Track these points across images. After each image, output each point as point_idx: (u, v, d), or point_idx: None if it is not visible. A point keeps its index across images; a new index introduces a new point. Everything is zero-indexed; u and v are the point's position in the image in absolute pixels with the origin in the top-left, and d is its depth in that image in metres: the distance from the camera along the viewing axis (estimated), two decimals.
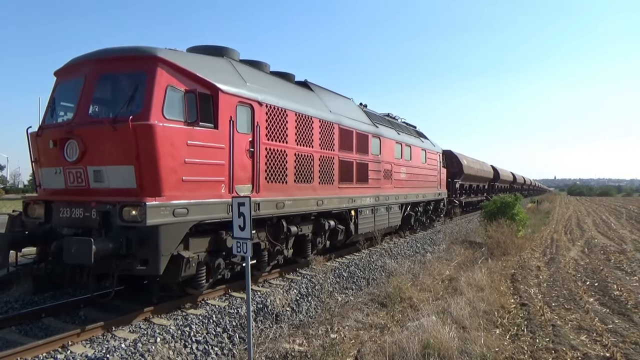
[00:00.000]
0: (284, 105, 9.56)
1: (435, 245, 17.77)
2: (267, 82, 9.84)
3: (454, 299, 8.88)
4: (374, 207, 14.17)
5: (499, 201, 21.20)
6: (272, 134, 9.10)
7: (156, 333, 6.52)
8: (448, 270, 12.82)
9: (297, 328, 7.79)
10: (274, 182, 9.11)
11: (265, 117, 8.88)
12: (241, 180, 8.21)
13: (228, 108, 7.92)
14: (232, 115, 7.96)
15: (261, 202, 8.62)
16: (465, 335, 6.97)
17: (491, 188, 42.35)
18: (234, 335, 7.08)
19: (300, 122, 10.11)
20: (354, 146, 12.85)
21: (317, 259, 10.20)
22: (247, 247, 5.86)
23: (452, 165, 28.30)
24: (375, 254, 13.79)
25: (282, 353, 6.43)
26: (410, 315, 8.24)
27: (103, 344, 6.10)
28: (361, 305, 9.18)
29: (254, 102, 8.60)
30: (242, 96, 8.30)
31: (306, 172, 10.33)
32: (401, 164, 16.73)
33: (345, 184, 12.23)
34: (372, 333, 7.50)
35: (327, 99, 12.53)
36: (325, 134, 11.27)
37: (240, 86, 8.41)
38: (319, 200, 10.76)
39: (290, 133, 9.71)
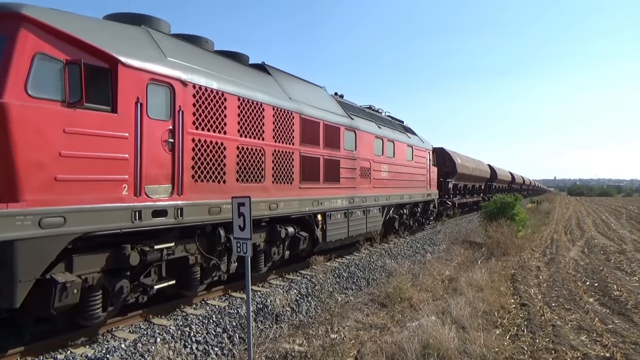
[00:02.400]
0: (221, 87, 7.96)
1: (435, 246, 17.76)
2: (201, 60, 8.11)
3: (454, 299, 8.88)
4: (348, 211, 12.62)
5: (499, 201, 21.18)
6: (204, 121, 7.53)
7: (156, 333, 6.53)
8: (448, 270, 12.82)
9: (297, 328, 7.79)
10: (205, 182, 7.56)
11: (193, 101, 7.33)
12: (155, 179, 6.65)
13: (134, 87, 6.35)
14: (139, 97, 6.40)
15: (186, 207, 7.11)
16: (465, 335, 6.97)
17: (488, 188, 41.37)
18: (234, 335, 7.07)
19: (245, 108, 8.49)
20: (320, 140, 11.23)
21: (317, 259, 9.92)
22: (247, 247, 5.85)
23: (445, 164, 26.98)
24: (375, 254, 13.79)
25: (282, 353, 6.43)
26: (410, 316, 8.25)
27: (103, 344, 6.11)
28: (361, 306, 9.18)
29: (175, 82, 7.03)
30: (157, 73, 6.72)
31: (254, 169, 8.71)
32: (382, 161, 15.16)
33: (309, 184, 10.64)
34: (372, 333, 7.50)
35: (288, 85, 10.87)
36: (282, 124, 9.64)
37: (154, 60, 6.83)
38: (272, 203, 9.22)
39: (230, 121, 8.11)
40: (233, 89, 8.27)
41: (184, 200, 7.12)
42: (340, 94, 14.55)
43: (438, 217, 24.45)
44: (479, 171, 35.54)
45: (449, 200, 26.98)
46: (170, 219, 6.84)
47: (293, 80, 11.54)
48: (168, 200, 6.82)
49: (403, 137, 17.77)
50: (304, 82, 12.30)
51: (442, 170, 25.68)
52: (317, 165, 11.01)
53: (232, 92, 8.19)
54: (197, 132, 7.41)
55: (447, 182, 26.78)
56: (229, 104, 8.09)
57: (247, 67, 9.91)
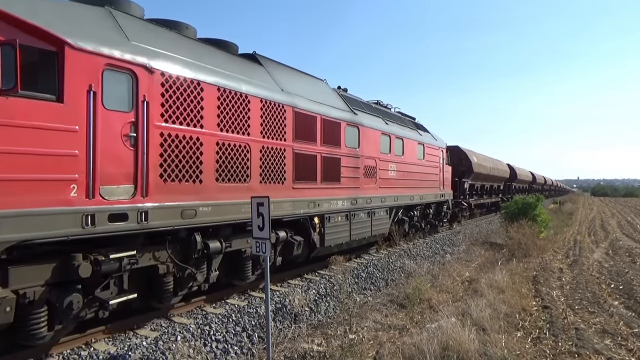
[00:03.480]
0: (198, 76, 7.19)
1: (455, 246, 17.60)
2: (176, 46, 7.32)
3: (474, 301, 8.78)
4: (350, 213, 11.74)
5: (520, 202, 20.90)
6: (175, 114, 6.76)
7: (177, 331, 6.63)
8: (468, 271, 12.69)
9: (315, 328, 7.80)
10: (177, 181, 6.78)
11: (161, 91, 6.57)
12: (112, 178, 5.89)
13: (85, 73, 5.61)
14: (92, 84, 5.63)
15: (152, 210, 6.31)
16: (486, 337, 6.89)
17: (507, 189, 40.08)
18: (253, 334, 7.12)
19: (226, 100, 7.71)
20: (318, 136, 10.39)
21: (337, 259, 9.81)
22: (266, 247, 5.89)
23: (460, 163, 25.88)
24: (394, 255, 13.74)
25: (300, 353, 6.45)
26: (430, 317, 8.19)
27: (125, 342, 6.24)
28: (380, 306, 9.15)
29: (139, 68, 6.26)
30: (115, 58, 5.96)
31: (237, 167, 7.90)
32: (389, 159, 14.20)
33: (304, 184, 9.80)
34: (391, 334, 7.47)
35: (282, 76, 10.08)
36: (272, 118, 8.82)
37: (113, 44, 6.01)
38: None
39: (208, 114, 7.33)
40: (212, 78, 7.48)
41: (149, 203, 6.33)
42: (343, 88, 13.83)
43: (453, 219, 23.52)
44: (498, 171, 34.26)
45: (465, 201, 25.76)
46: (131, 223, 6.07)
47: (288, 71, 10.70)
48: (129, 202, 6.07)
49: (413, 134, 16.88)
50: (301, 74, 11.49)
51: (458, 170, 24.66)
52: (313, 164, 10.20)
53: (210, 82, 7.41)
54: (167, 126, 6.64)
55: (463, 182, 25.60)
56: (206, 94, 7.31)
57: (233, 56, 9.06)
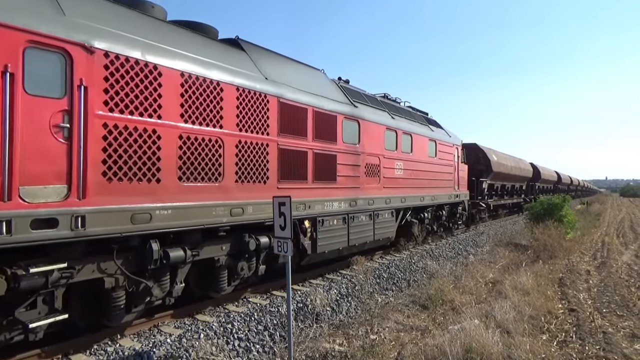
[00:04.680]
0: (153, 59, 6.22)
1: (478, 247, 17.38)
2: (130, 25, 6.35)
3: (498, 303, 8.66)
4: (348, 215, 10.66)
5: (546, 202, 20.53)
6: (124, 102, 5.82)
7: (200, 329, 6.71)
8: (492, 272, 12.52)
9: (337, 328, 7.81)
10: (126, 181, 5.83)
11: (105, 74, 5.62)
12: (37, 177, 5.03)
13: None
14: (9, 64, 4.84)
15: (90, 214, 5.38)
16: (510, 340, 6.79)
17: (530, 189, 38.53)
18: (274, 333, 7.17)
19: (192, 88, 6.79)
20: (309, 130, 9.37)
21: (359, 259, 9.68)
22: (288, 246, 5.92)
23: (478, 161, 24.53)
24: (416, 255, 13.65)
25: (322, 352, 6.47)
26: (452, 318, 8.12)
27: (150, 338, 6.35)
28: (402, 307, 9.10)
29: (74, 47, 5.32)
30: (42, 34, 5.10)
31: (206, 164, 6.98)
32: (396, 156, 13.07)
33: (292, 183, 8.80)
34: (413, 335, 7.43)
35: (268, 63, 9.06)
36: (251, 109, 7.88)
37: (40, 17, 5.16)
38: (236, 207, 7.43)
39: (168, 103, 6.40)
40: (173, 62, 6.55)
41: (87, 206, 5.38)
42: (345, 80, 12.78)
43: (470, 220, 22.23)
44: (519, 170, 32.53)
45: (483, 202, 24.28)
46: (63, 230, 5.17)
47: (276, 59, 9.70)
48: (60, 205, 5.21)
49: (424, 130, 15.57)
50: (294, 62, 10.43)
51: (475, 169, 23.47)
52: (303, 161, 9.19)
53: (171, 67, 6.49)
54: (113, 116, 5.69)
55: (481, 181, 24.20)
56: (165, 80, 6.39)
57: (209, 40, 8.08)
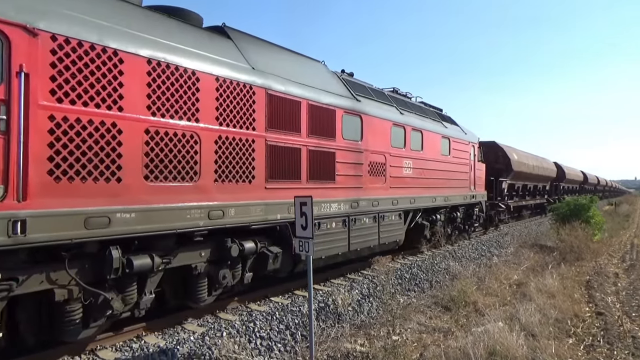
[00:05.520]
0: (111, 44, 5.57)
1: (502, 248, 17.12)
2: (88, 7, 5.67)
3: (523, 305, 8.52)
4: (349, 217, 9.90)
5: (572, 203, 20.09)
6: (76, 91, 5.19)
7: (222, 327, 6.79)
8: (516, 274, 12.32)
9: (358, 328, 7.79)
10: (79, 180, 5.21)
11: (52, 60, 5.01)
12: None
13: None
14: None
15: (33, 218, 4.79)
16: (535, 343, 6.67)
17: (554, 189, 37.35)
18: (296, 332, 7.19)
19: (161, 77, 6.14)
20: (302, 125, 8.67)
21: (380, 260, 9.60)
22: (309, 246, 5.93)
23: (497, 160, 23.68)
24: (438, 256, 13.53)
25: (343, 352, 6.46)
26: (475, 320, 8.02)
27: (174, 336, 6.46)
28: (424, 308, 9.03)
29: (12, 29, 4.74)
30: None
31: (178, 162, 6.31)
32: (404, 154, 12.30)
33: (282, 183, 8.13)
34: (435, 337, 7.36)
35: (257, 53, 8.39)
36: (233, 102, 7.22)
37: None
38: (215, 209, 6.78)
39: (131, 94, 5.76)
40: (137, 48, 5.89)
41: (29, 209, 4.80)
42: (349, 72, 12.07)
43: (488, 222, 21.36)
44: (542, 169, 31.38)
45: (503, 202, 23.21)
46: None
47: (267, 48, 8.97)
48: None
49: (436, 126, 14.70)
50: (288, 52, 9.69)
51: (494, 168, 22.65)
52: (296, 159, 8.51)
53: (134, 52, 5.84)
54: (60, 107, 5.10)
55: (501, 181, 23.21)
56: (128, 68, 5.75)
57: (187, 27, 7.37)
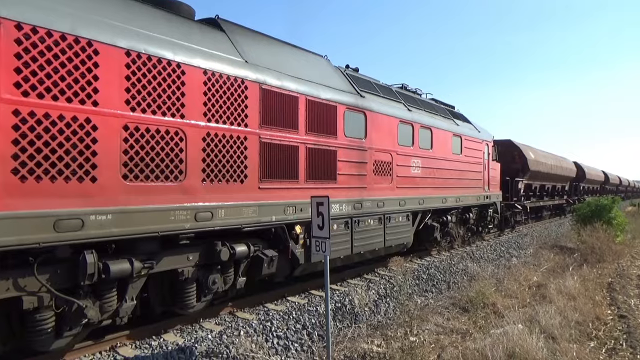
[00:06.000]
0: (89, 34, 5.29)
1: (522, 250, 16.90)
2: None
3: (543, 307, 8.39)
4: (352, 219, 9.47)
5: (593, 203, 19.72)
6: (44, 84, 4.90)
7: (240, 326, 6.84)
8: (536, 276, 12.14)
9: (375, 329, 7.76)
10: (49, 179, 4.89)
11: (16, 50, 4.74)
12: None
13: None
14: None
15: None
16: (555, 346, 6.57)
17: (574, 189, 36.25)
18: (313, 332, 7.20)
19: (142, 69, 5.81)
20: (300, 121, 8.29)
21: (397, 260, 9.51)
22: (326, 246, 5.94)
23: (513, 159, 22.87)
24: (456, 257, 13.42)
25: (360, 353, 6.45)
26: (494, 322, 7.92)
27: (192, 334, 6.53)
28: (441, 309, 8.95)
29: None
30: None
31: (162, 160, 5.98)
32: (412, 153, 11.83)
33: (278, 182, 7.80)
34: (453, 338, 7.30)
35: (252, 46, 8.02)
36: (224, 97, 6.88)
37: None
38: (202, 210, 6.42)
39: (108, 87, 5.45)
40: (114, 38, 5.56)
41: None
42: (354, 68, 11.64)
43: (504, 224, 20.62)
44: (561, 169, 30.17)
45: (519, 203, 22.32)
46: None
47: (263, 41, 8.59)
48: None
49: (447, 124, 14.13)
50: (286, 46, 9.27)
51: (510, 167, 21.89)
52: (293, 157, 8.15)
53: (110, 43, 5.50)
54: (26, 101, 4.78)
55: (517, 181, 22.33)
56: (104, 60, 5.43)
57: (174, 17, 6.98)
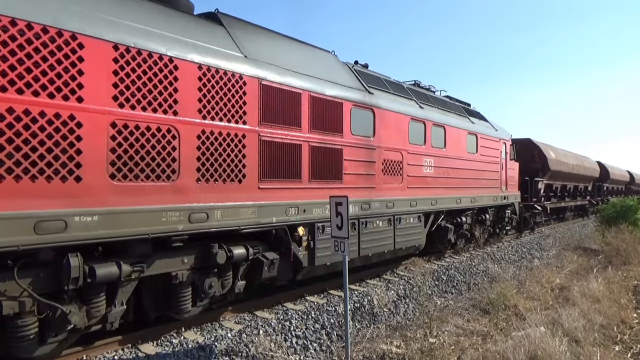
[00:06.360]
0: (71, 26, 5.02)
1: (544, 251, 16.62)
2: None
3: (566, 310, 8.24)
4: (359, 220, 9.13)
5: (619, 204, 19.28)
6: (23, 80, 4.71)
7: (259, 325, 6.88)
8: (558, 278, 11.92)
9: (394, 330, 7.73)
10: (29, 179, 4.72)
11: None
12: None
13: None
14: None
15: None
16: (579, 349, 6.44)
17: (597, 190, 35.17)
18: (331, 332, 7.21)
19: (130, 64, 5.54)
20: (303, 119, 7.95)
21: (416, 261, 9.48)
22: (345, 246, 5.93)
23: (533, 159, 22.18)
24: (476, 258, 13.26)
25: (379, 354, 6.43)
26: (516, 325, 7.81)
27: (212, 332, 6.60)
28: (461, 311, 8.87)
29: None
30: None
31: (153, 158, 5.71)
32: (424, 152, 11.38)
33: (279, 182, 7.45)
34: (474, 340, 7.22)
35: (253, 40, 7.71)
36: (221, 93, 6.59)
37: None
38: (197, 211, 6.13)
39: (92, 82, 5.18)
40: (98, 31, 5.28)
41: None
42: (363, 64, 11.18)
43: (523, 225, 19.99)
44: (583, 169, 29.26)
45: (539, 204, 21.62)
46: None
47: (266, 36, 8.25)
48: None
49: (461, 122, 13.60)
50: (290, 40, 8.92)
51: (529, 167, 21.37)
52: (296, 156, 7.81)
53: (95, 36, 5.23)
54: (4, 97, 4.64)
55: (536, 181, 21.71)
56: (88, 54, 5.18)
57: (173, 12, 6.74)
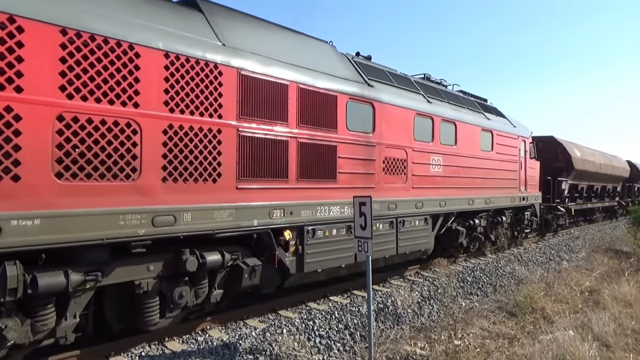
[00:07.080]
0: (13, 10, 4.50)
1: (573, 253, 16.22)
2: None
3: (596, 314, 8.03)
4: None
5: None
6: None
7: (282, 324, 6.92)
8: (588, 281, 11.62)
9: (418, 331, 7.67)
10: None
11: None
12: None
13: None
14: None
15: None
16: (609, 354, 6.28)
17: (627, 190, 33.31)
18: (355, 332, 7.19)
19: (81, 51, 4.94)
20: (291, 112, 7.32)
21: (441, 262, 9.34)
22: (369, 246, 5.92)
23: (556, 157, 21.15)
24: (502, 260, 13.04)
25: (403, 355, 6.39)
26: (543, 328, 7.66)
27: (236, 331, 6.67)
28: (487, 313, 8.73)
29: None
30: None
31: (109, 155, 5.15)
32: (431, 149, 10.55)
33: (261, 182, 6.83)
34: (500, 343, 7.10)
35: (234, 28, 7.04)
36: (193, 84, 5.98)
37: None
38: (162, 213, 5.55)
39: (38, 72, 4.64)
40: (42, 14, 4.69)
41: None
42: (365, 55, 10.52)
43: (545, 228, 19.06)
44: (612, 168, 27.56)
45: (562, 205, 20.55)
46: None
47: (251, 23, 7.59)
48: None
49: (475, 117, 12.71)
50: (280, 29, 8.23)
51: (552, 166, 20.35)
52: (281, 153, 7.18)
53: (38, 19, 4.65)
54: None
55: (560, 181, 20.61)
56: (30, 39, 4.59)
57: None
